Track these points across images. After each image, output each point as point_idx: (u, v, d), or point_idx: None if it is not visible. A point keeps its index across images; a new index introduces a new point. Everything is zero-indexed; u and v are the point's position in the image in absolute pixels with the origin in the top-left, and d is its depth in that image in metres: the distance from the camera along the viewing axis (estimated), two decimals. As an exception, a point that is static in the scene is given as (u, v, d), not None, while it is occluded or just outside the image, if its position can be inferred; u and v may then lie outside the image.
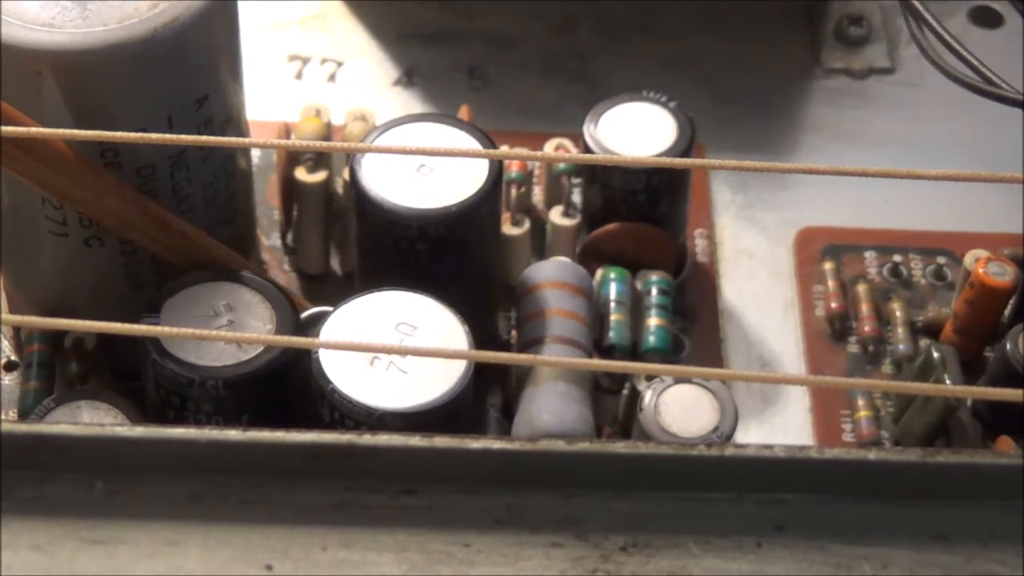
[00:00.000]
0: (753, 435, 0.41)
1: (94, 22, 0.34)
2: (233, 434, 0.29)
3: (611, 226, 0.42)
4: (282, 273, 0.43)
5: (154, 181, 0.36)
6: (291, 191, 0.43)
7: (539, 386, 0.38)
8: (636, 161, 0.41)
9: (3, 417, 0.39)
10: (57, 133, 0.32)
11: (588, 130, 0.41)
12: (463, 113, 0.44)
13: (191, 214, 0.38)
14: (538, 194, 0.45)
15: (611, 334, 0.40)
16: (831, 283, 0.44)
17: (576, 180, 0.44)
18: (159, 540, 0.29)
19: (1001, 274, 0.40)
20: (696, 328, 0.43)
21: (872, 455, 0.30)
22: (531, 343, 0.39)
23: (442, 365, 0.35)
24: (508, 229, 0.42)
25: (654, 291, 0.41)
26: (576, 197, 0.44)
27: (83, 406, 0.37)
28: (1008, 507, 0.29)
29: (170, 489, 0.29)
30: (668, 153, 0.41)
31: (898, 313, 0.43)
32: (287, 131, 0.45)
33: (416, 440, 0.29)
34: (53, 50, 0.34)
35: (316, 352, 0.35)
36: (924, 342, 0.42)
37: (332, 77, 0.49)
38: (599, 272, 0.41)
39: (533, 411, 0.37)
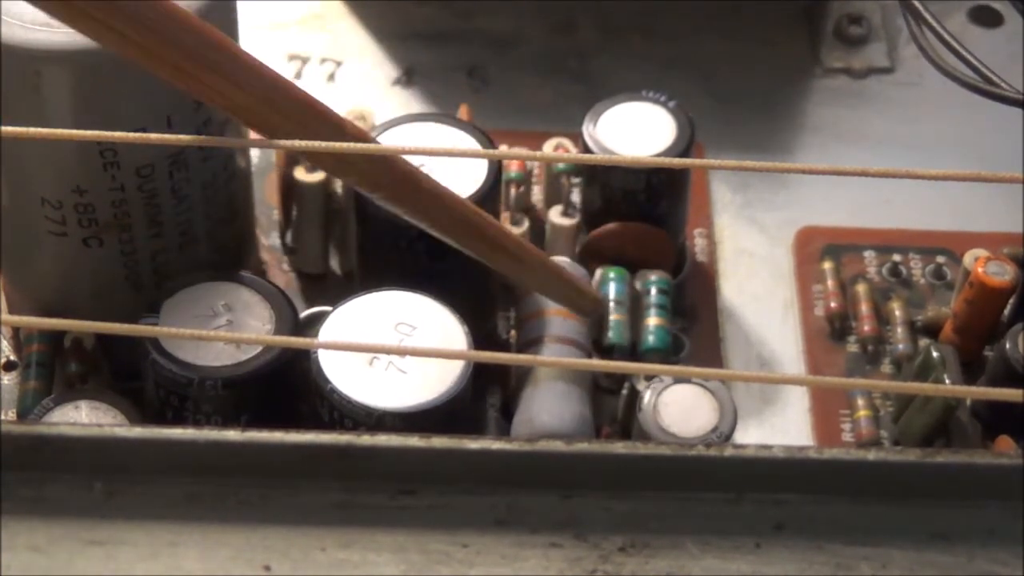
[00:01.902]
0: (753, 435, 0.41)
1: (93, 22, 0.34)
2: (232, 434, 0.29)
3: (611, 226, 0.42)
4: (282, 273, 0.43)
5: (153, 181, 0.36)
6: (291, 191, 0.43)
7: (538, 386, 0.38)
8: (636, 161, 0.41)
9: (2, 417, 0.39)
10: (57, 133, 0.32)
11: (588, 130, 0.41)
12: (463, 113, 0.44)
13: (191, 214, 0.38)
14: (538, 194, 0.45)
15: (610, 334, 0.40)
16: (831, 283, 0.44)
17: (576, 180, 0.44)
18: (158, 541, 0.29)
19: (1001, 274, 0.40)
20: (696, 328, 0.43)
21: (872, 455, 0.30)
22: (530, 343, 0.39)
23: (441, 365, 0.35)
24: (508, 229, 0.42)
25: (653, 291, 0.41)
26: (576, 197, 0.44)
27: (82, 406, 0.37)
28: (1008, 507, 0.29)
29: (169, 489, 0.29)
30: (668, 153, 0.41)
31: (898, 313, 0.43)
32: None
33: (415, 440, 0.29)
34: (53, 50, 0.34)
35: (315, 352, 0.35)
36: (924, 342, 0.42)
37: (332, 77, 0.49)
38: (599, 272, 0.41)
39: (532, 411, 0.37)
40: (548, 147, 0.44)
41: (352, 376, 0.35)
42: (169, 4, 0.30)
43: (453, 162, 0.39)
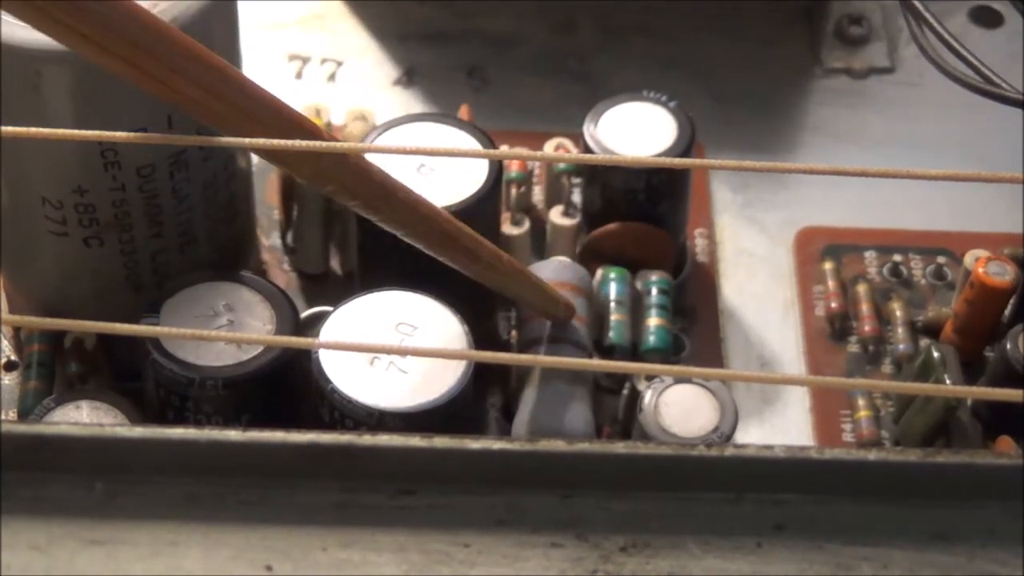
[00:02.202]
0: (753, 435, 0.41)
1: (94, 22, 0.34)
2: (233, 434, 0.29)
3: (611, 226, 0.42)
4: (282, 273, 0.43)
5: (154, 181, 0.36)
6: (291, 191, 0.43)
7: (539, 386, 0.38)
8: (636, 161, 0.41)
9: (3, 417, 0.39)
10: (57, 133, 0.32)
11: (588, 130, 0.41)
12: (463, 113, 0.44)
13: (191, 214, 0.38)
14: (538, 194, 0.45)
15: (611, 334, 0.40)
16: (831, 283, 0.44)
17: (576, 180, 0.44)
18: (159, 540, 0.29)
19: (1001, 274, 0.40)
20: (696, 328, 0.43)
21: (872, 455, 0.30)
22: (531, 343, 0.39)
23: (442, 365, 0.35)
24: (508, 229, 0.42)
25: (654, 291, 0.41)
26: (576, 197, 0.44)
27: (83, 406, 0.37)
28: (1008, 507, 0.29)
29: (170, 489, 0.29)
30: (668, 153, 0.41)
31: (898, 313, 0.43)
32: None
33: (416, 440, 0.29)
34: (53, 50, 0.34)
35: (316, 352, 0.35)
36: (924, 342, 0.42)
37: (332, 77, 0.49)
38: (599, 272, 0.41)
39: (533, 411, 0.37)
40: (549, 147, 0.44)
41: (353, 376, 0.35)
42: (129, 4, 0.30)
43: (453, 162, 0.39)
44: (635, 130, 0.41)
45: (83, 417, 0.36)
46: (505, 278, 0.36)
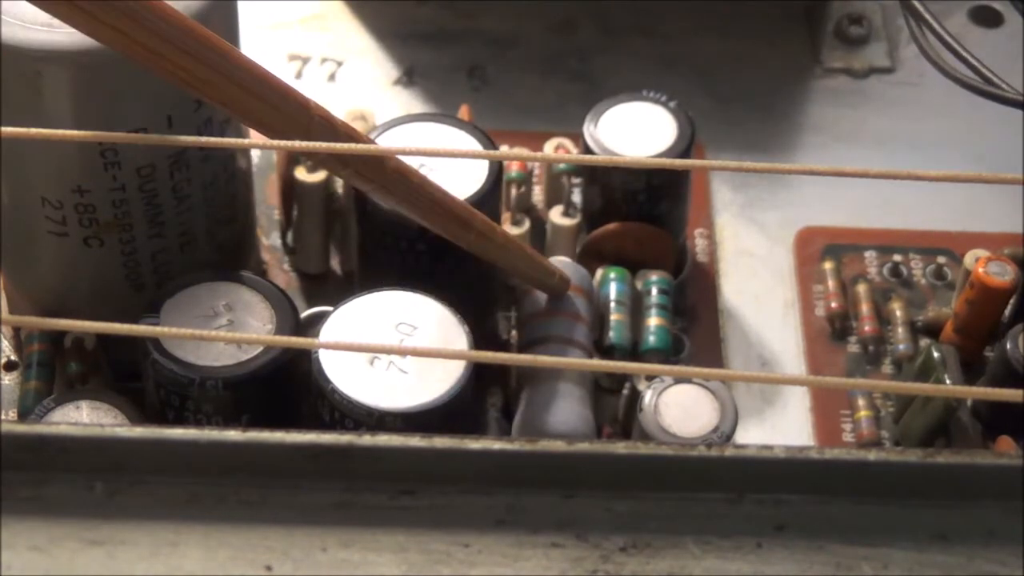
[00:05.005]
0: (753, 435, 0.41)
1: (94, 22, 0.34)
2: (233, 434, 0.29)
3: (611, 226, 0.42)
4: (282, 273, 0.43)
5: (154, 181, 0.36)
6: (291, 191, 0.43)
7: (539, 386, 0.38)
8: (636, 163, 0.41)
9: (3, 417, 0.39)
10: (57, 133, 0.32)
11: (588, 130, 0.41)
12: (463, 113, 0.44)
13: (191, 214, 0.38)
14: (538, 194, 0.45)
15: (611, 334, 0.40)
16: (831, 283, 0.44)
17: (576, 180, 0.44)
18: (159, 540, 0.29)
19: (1001, 274, 0.40)
20: (696, 328, 0.43)
21: (872, 455, 0.30)
22: (531, 343, 0.39)
23: (442, 365, 0.35)
24: (508, 229, 0.42)
25: (654, 291, 0.41)
26: (576, 197, 0.44)
27: (83, 406, 0.37)
28: (1008, 507, 0.29)
29: (170, 489, 0.29)
30: (668, 153, 0.41)
31: (898, 313, 0.43)
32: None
33: (416, 440, 0.29)
34: (53, 50, 0.34)
35: (316, 352, 0.35)
36: (924, 342, 0.42)
37: (332, 77, 0.49)
38: (599, 272, 0.41)
39: (533, 411, 0.37)
40: (548, 147, 0.44)
41: (353, 376, 0.35)
42: None
43: (453, 162, 0.39)
44: (635, 130, 0.41)
45: (83, 417, 0.36)
46: (499, 249, 0.36)
